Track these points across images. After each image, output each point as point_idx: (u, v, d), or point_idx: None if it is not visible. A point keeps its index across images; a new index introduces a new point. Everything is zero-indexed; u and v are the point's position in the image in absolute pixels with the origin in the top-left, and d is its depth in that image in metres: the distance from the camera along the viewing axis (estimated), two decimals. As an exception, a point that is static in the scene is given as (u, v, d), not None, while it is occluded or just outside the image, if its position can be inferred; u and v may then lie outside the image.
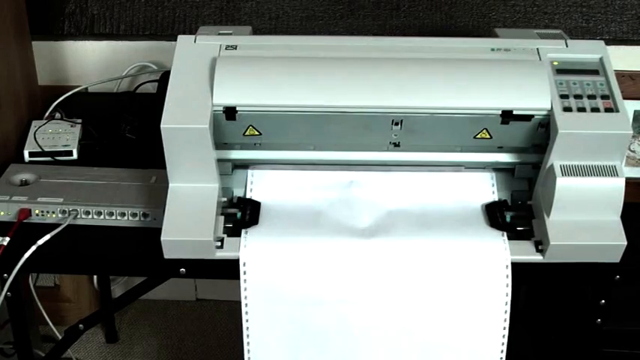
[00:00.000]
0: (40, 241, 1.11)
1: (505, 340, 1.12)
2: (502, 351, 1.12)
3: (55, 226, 1.14)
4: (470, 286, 1.09)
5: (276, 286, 1.09)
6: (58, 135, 1.38)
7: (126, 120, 1.43)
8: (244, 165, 1.18)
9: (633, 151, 1.27)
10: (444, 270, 1.09)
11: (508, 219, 1.14)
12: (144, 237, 1.14)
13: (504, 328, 1.11)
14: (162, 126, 1.06)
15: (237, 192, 1.18)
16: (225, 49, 1.14)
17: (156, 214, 1.15)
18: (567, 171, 1.08)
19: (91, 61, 1.64)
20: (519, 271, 1.09)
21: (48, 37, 1.60)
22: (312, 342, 1.12)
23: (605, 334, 1.24)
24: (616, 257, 1.10)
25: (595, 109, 1.09)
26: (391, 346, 1.13)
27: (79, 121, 1.43)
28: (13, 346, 1.27)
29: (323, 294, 1.09)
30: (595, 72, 1.14)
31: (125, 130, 1.42)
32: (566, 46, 1.16)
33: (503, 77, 1.11)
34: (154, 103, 1.17)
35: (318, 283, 1.09)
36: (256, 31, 1.33)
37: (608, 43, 1.18)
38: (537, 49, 1.15)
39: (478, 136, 1.13)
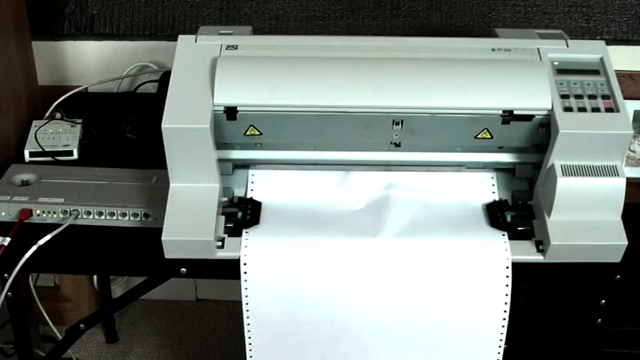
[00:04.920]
0: (41, 241, 1.11)
1: (503, 340, 1.12)
2: (499, 346, 1.12)
3: (56, 226, 1.14)
4: (470, 285, 1.09)
5: (277, 285, 1.09)
6: (59, 135, 1.38)
7: (126, 120, 1.43)
8: (245, 165, 1.18)
9: (633, 151, 1.27)
10: (444, 270, 1.09)
11: (509, 219, 1.14)
12: (145, 237, 1.14)
13: (503, 326, 1.11)
14: (163, 126, 1.06)
15: (238, 192, 1.18)
16: (226, 49, 1.14)
17: (157, 214, 1.15)
18: (568, 171, 1.08)
19: (91, 61, 1.64)
20: (520, 271, 1.09)
21: (48, 37, 1.60)
22: (313, 342, 1.13)
23: (605, 334, 1.24)
24: (616, 257, 1.10)
25: (596, 109, 1.09)
26: (391, 346, 1.13)
27: (80, 121, 1.42)
28: (14, 346, 1.27)
29: (324, 294, 1.09)
30: (595, 72, 1.14)
31: (126, 130, 1.42)
32: (567, 46, 1.16)
33: (504, 77, 1.11)
34: (155, 103, 1.17)
35: (319, 282, 1.09)
36: (256, 31, 1.33)
37: (608, 43, 1.18)
38: (538, 49, 1.15)
39: (479, 136, 1.13)
